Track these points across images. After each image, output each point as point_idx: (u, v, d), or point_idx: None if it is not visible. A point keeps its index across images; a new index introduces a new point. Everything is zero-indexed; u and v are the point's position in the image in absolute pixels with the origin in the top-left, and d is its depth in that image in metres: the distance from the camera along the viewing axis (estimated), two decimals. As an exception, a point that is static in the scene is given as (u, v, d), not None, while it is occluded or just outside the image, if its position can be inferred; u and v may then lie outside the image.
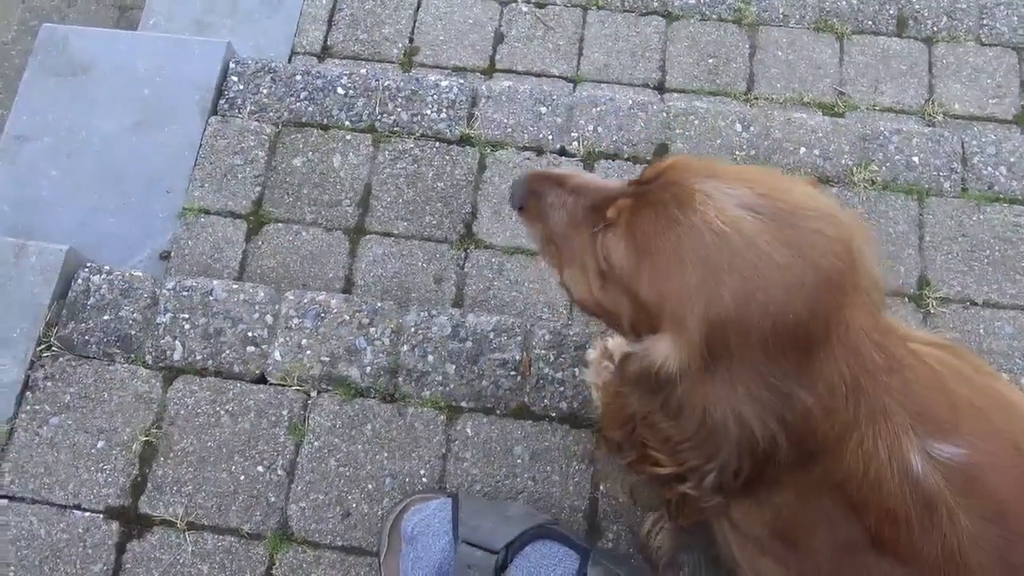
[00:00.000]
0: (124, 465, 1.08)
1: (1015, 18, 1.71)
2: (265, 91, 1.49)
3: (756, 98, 1.65)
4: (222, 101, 1.49)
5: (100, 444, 1.09)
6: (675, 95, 1.66)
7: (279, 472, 1.07)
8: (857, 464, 0.71)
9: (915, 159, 1.41)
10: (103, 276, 1.18)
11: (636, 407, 0.78)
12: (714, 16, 1.74)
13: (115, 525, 1.05)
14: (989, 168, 1.39)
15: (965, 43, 1.69)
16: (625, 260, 0.73)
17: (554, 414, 1.09)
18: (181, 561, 1.03)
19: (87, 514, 1.06)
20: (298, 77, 1.50)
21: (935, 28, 1.72)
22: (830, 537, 0.78)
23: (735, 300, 0.66)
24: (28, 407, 1.10)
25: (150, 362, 1.13)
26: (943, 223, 1.35)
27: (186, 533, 1.05)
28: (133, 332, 1.14)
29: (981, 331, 1.29)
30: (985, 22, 1.72)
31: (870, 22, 1.72)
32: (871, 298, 0.70)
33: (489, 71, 1.71)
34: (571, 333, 1.14)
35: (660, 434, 0.76)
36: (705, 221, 0.67)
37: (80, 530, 1.05)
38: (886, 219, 1.36)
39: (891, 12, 1.73)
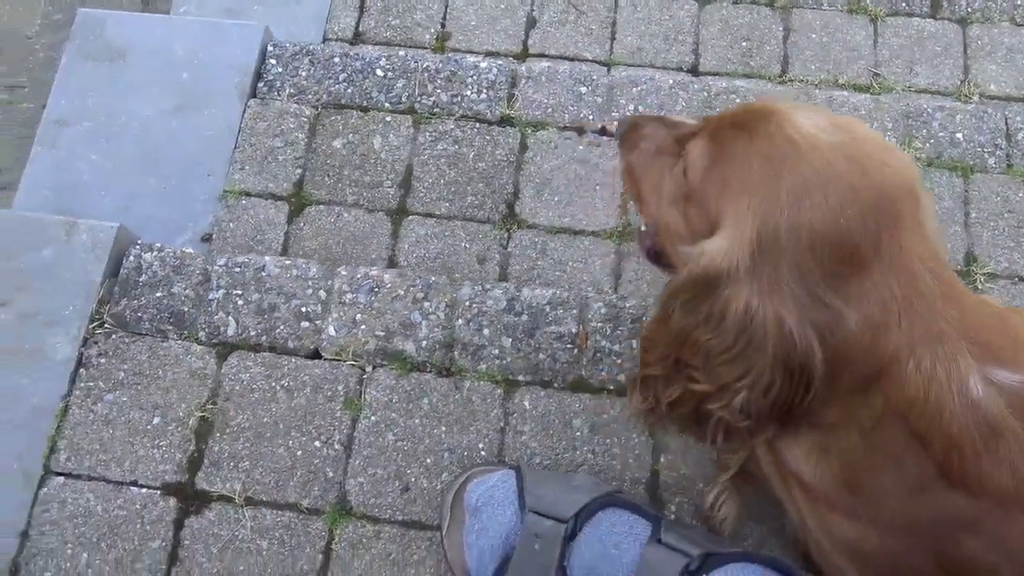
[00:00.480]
0: (180, 441, 1.07)
1: (1050, -2, 1.72)
2: (304, 73, 1.49)
3: (791, 80, 1.65)
4: (261, 84, 1.48)
5: (155, 420, 1.08)
6: (710, 78, 1.65)
7: (336, 447, 1.07)
8: (916, 388, 0.71)
9: (959, 136, 1.40)
10: (154, 253, 1.18)
11: (680, 324, 0.78)
12: (747, -1, 1.74)
13: (172, 501, 1.05)
14: (1034, 144, 1.39)
15: (1000, 24, 1.69)
16: (700, 162, 0.77)
17: (612, 387, 1.08)
18: (240, 536, 1.03)
19: (144, 490, 1.05)
20: (336, 59, 1.50)
21: (969, 9, 1.71)
22: (899, 476, 0.76)
23: (791, 196, 0.69)
24: (82, 384, 1.10)
25: (203, 338, 1.12)
26: (989, 199, 1.35)
27: (244, 509, 1.04)
28: (186, 309, 1.14)
29: (1029, 306, 1.29)
30: (1019, 2, 1.72)
31: (904, 3, 1.72)
32: (931, 236, 0.72)
33: (522, 56, 1.71)
34: (627, 306, 1.14)
35: (700, 350, 0.76)
36: (780, 130, 0.72)
37: (137, 506, 1.04)
38: (932, 196, 1.35)
39: (925, -7, 1.73)
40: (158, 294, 1.15)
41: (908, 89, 1.63)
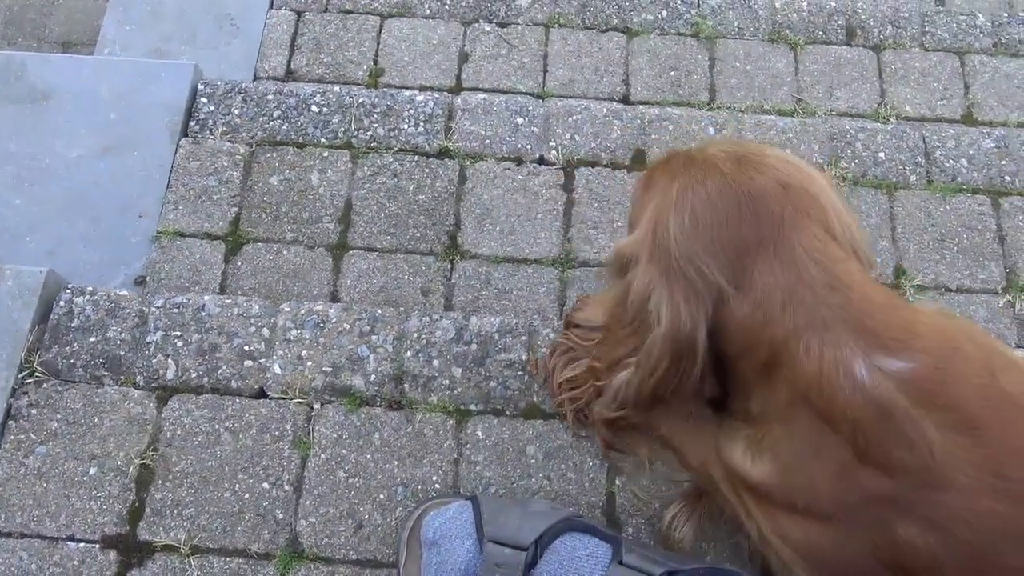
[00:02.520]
0: (120, 491, 1.03)
1: (954, 24, 1.81)
2: (236, 111, 1.47)
3: (719, 107, 1.70)
4: (192, 123, 1.46)
5: (92, 471, 1.03)
6: (642, 107, 1.69)
7: (286, 488, 1.03)
8: (810, 372, 0.75)
9: (881, 155, 1.46)
10: (87, 297, 1.13)
11: (607, 305, 0.91)
12: (672, 31, 1.79)
13: (113, 555, 1.00)
14: (951, 161, 1.46)
15: (910, 49, 1.78)
16: (636, 197, 0.90)
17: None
18: (187, 587, 0.98)
19: (82, 545, 1.00)
20: (270, 96, 1.48)
21: (881, 36, 1.80)
22: (822, 462, 0.79)
23: (680, 194, 0.80)
24: (12, 437, 1.04)
25: (142, 383, 1.08)
26: (913, 214, 1.41)
27: (190, 558, 1.00)
28: (122, 353, 1.10)
29: (957, 316, 1.34)
30: (927, 29, 1.81)
31: (821, 32, 1.80)
32: (831, 232, 0.79)
33: (456, 90, 1.72)
34: (575, 330, 1.14)
35: (613, 327, 0.88)
36: (686, 152, 0.85)
37: (75, 562, 0.99)
38: (860, 213, 1.40)
39: (840, 23, 1.81)
40: (92, 339, 1.10)
41: (830, 112, 1.69)
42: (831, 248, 0.79)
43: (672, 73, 1.74)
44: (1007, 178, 1.45)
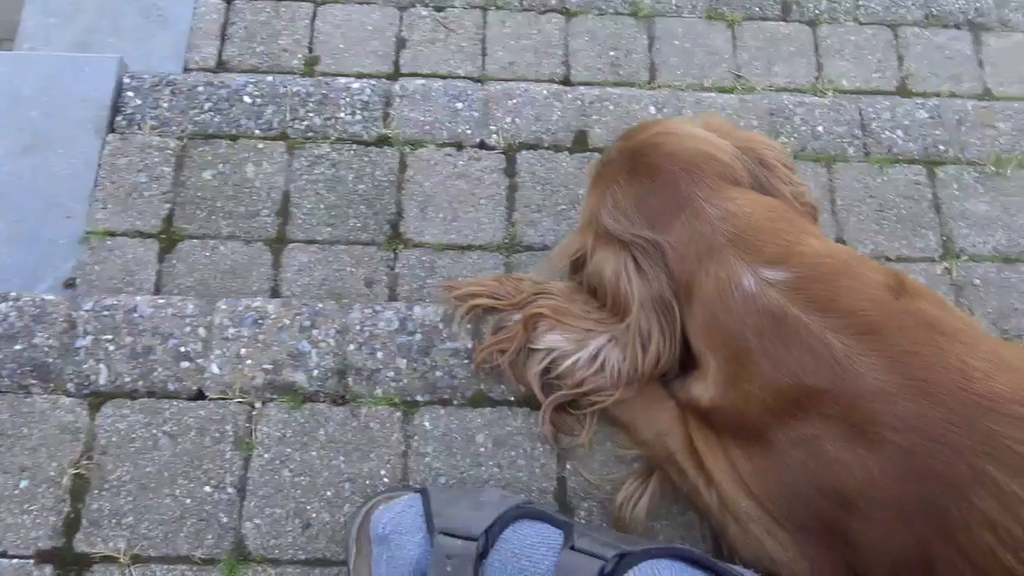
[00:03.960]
0: (53, 503, 0.99)
1: (887, -2, 1.84)
2: (165, 105, 1.42)
3: (659, 86, 1.70)
4: (119, 118, 1.41)
5: (23, 484, 0.99)
6: (583, 88, 1.68)
7: (229, 490, 1.00)
8: (711, 287, 0.89)
9: (820, 128, 1.47)
10: (10, 303, 1.08)
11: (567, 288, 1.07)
12: (610, 10, 1.78)
13: (48, 569, 0.96)
14: (887, 132, 1.47)
15: (845, 23, 1.80)
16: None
17: (512, 398, 1.06)
18: (129, 598, 0.95)
19: (15, 561, 0.96)
20: (200, 88, 1.43)
21: (816, 11, 1.81)
22: (748, 378, 0.86)
23: (601, 194, 1.00)
24: (-65, 452, 1.00)
25: (72, 390, 1.04)
26: (852, 186, 1.42)
27: (131, 568, 0.96)
28: (50, 360, 1.05)
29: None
30: (861, 3, 1.83)
31: (757, 8, 1.80)
32: (728, 178, 0.96)
33: (394, 76, 1.69)
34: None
35: (572, 290, 1.05)
36: (601, 163, 1.06)
37: (9, 579, 0.95)
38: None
39: (775, -2, 1.82)
40: (17, 347, 1.06)
41: (769, 88, 1.70)
42: (725, 190, 0.94)
43: (612, 53, 1.73)
44: (941, 147, 1.47)
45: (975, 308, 1.32)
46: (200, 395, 1.05)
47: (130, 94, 1.43)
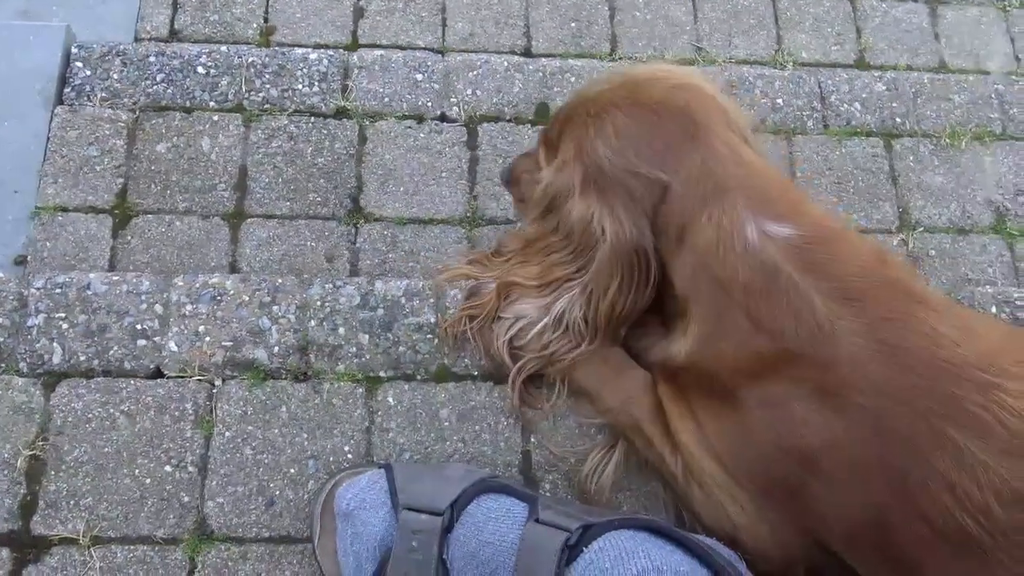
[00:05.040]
0: (9, 485, 0.97)
1: (845, -31, 1.84)
2: (116, 76, 1.38)
3: (620, 58, 1.69)
4: (68, 89, 1.37)
5: (-24, 466, 0.97)
6: (544, 59, 1.66)
7: (190, 469, 0.99)
8: (709, 234, 0.85)
9: (779, 101, 1.48)
10: (-43, 282, 1.05)
11: (533, 234, 1.01)
12: (572, -19, 1.76)
13: (5, 552, 0.94)
14: (845, 105, 1.49)
15: (804, -5, 1.80)
16: (544, 154, 0.99)
17: (476, 373, 1.06)
18: (89, 580, 0.94)
19: (-30, 545, 0.94)
20: (152, 59, 1.40)
21: (776, -18, 1.82)
22: (726, 332, 0.86)
23: (598, 124, 0.90)
24: None
25: (25, 370, 1.02)
26: (811, 159, 1.43)
27: (91, 549, 0.95)
28: (1, 339, 1.03)
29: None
30: (821, -26, 1.83)
31: (718, -21, 1.80)
32: (734, 127, 0.91)
33: (353, 46, 1.66)
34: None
35: (545, 251, 0.97)
36: (580, 104, 0.95)
37: (-36, 564, 0.93)
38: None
39: (735, -31, 1.81)
40: (-34, 326, 1.03)
41: (729, 60, 1.70)
42: (732, 135, 0.89)
43: (573, 24, 1.72)
44: (898, 120, 1.49)
45: (931, 279, 1.35)
46: (158, 373, 1.03)
47: (79, 64, 1.38)
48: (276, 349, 1.05)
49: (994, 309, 1.17)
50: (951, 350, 0.78)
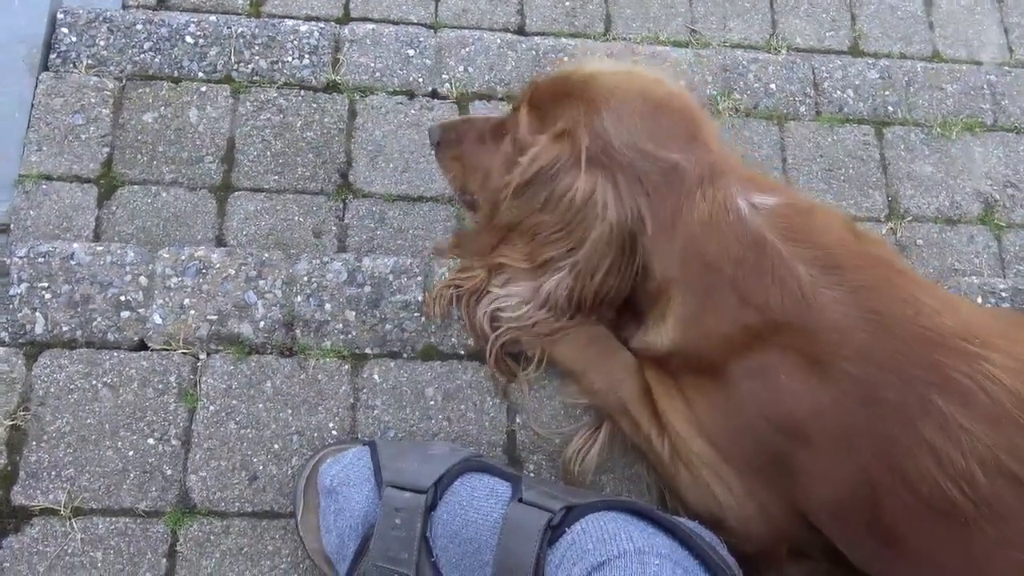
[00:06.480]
0: (-11, 455, 0.96)
1: (842, -45, 1.83)
2: (102, 43, 1.36)
3: (614, 39, 1.68)
4: (53, 55, 1.34)
5: (-44, 435, 0.96)
6: (537, 37, 1.65)
7: (173, 442, 0.99)
8: (704, 209, 0.89)
9: (772, 86, 1.48)
10: (-62, 249, 1.04)
11: (510, 217, 0.98)
12: (567, -41, 1.75)
13: (-15, 522, 0.94)
14: (838, 92, 1.48)
15: (800, -20, 1.79)
16: (529, 122, 0.97)
17: (463, 351, 1.06)
18: (70, 551, 0.93)
19: (-51, 514, 0.93)
20: (139, 26, 1.37)
21: (773, -34, 1.80)
22: (714, 307, 0.88)
23: (605, 101, 0.92)
24: None
25: (7, 339, 1.01)
26: (802, 145, 1.43)
27: (72, 520, 0.94)
28: (-18, 308, 1.01)
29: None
30: (815, -40, 1.82)
31: (714, -39, 1.79)
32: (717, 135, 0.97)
33: (343, 20, 1.64)
34: (472, 269, 1.12)
35: (528, 232, 0.96)
36: (575, 78, 0.96)
37: (-57, 533, 0.93)
38: (752, 144, 1.42)
39: (732, -48, 1.80)
40: (-53, 294, 1.02)
41: (723, 44, 1.70)
42: (724, 144, 0.97)
43: (567, 3, 1.70)
44: (890, 108, 1.49)
45: (917, 268, 1.35)
46: (142, 346, 1.02)
47: (64, 31, 1.36)
48: (262, 324, 1.05)
49: (980, 299, 1.17)
50: (933, 318, 0.79)
